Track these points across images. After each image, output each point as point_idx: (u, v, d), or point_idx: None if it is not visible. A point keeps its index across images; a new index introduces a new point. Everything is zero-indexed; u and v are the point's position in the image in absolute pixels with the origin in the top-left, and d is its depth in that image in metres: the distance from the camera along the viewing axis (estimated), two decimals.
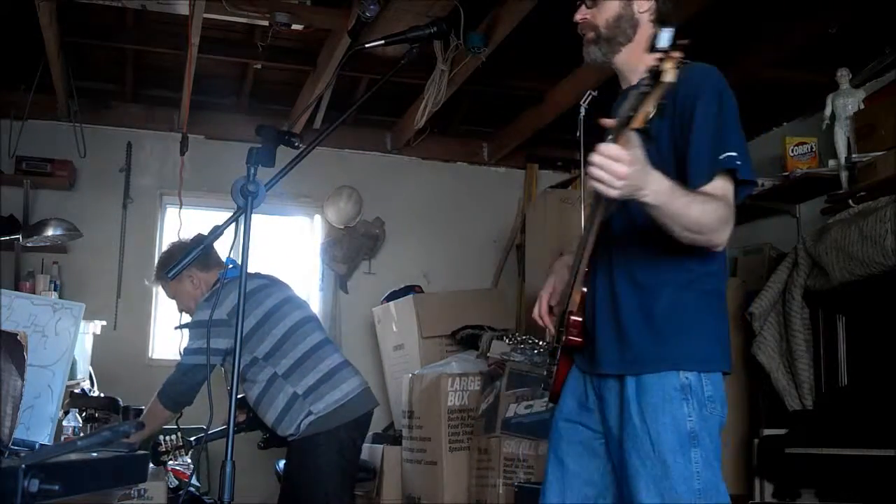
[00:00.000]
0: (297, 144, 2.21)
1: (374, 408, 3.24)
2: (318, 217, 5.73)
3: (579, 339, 1.97)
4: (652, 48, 1.61)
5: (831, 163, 4.11)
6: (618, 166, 1.58)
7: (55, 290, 4.86)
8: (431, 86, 4.51)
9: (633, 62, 2.01)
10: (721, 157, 1.79)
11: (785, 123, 4.93)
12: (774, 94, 4.65)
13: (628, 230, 1.93)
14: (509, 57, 4.44)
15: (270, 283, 3.27)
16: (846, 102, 4.01)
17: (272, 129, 2.09)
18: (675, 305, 1.87)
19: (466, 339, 4.74)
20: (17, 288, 4.57)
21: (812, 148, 4.32)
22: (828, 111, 4.07)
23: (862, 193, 3.69)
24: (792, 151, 4.35)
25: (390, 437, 4.77)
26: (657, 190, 1.66)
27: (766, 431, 3.80)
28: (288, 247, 5.78)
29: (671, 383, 1.83)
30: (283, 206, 5.53)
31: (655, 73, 1.57)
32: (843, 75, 4.03)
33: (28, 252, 4.90)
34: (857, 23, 3.84)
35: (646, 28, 1.99)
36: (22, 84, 4.86)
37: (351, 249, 5.51)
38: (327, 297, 5.60)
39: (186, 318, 3.30)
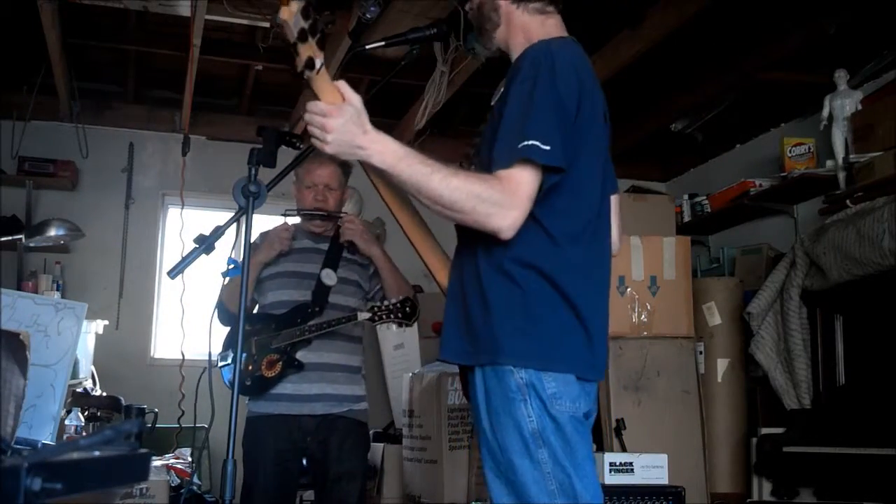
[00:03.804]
0: (298, 145, 2.24)
1: None
2: None
3: None
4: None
5: (829, 163, 4.13)
6: (324, 120, 1.63)
7: (58, 289, 4.88)
8: (431, 87, 4.51)
9: (512, 45, 1.95)
10: (520, 145, 1.62)
11: (783, 124, 4.94)
12: (773, 95, 4.66)
13: None
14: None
15: None
16: (844, 103, 4.03)
17: (273, 129, 2.11)
18: (511, 299, 1.71)
19: None
20: (19, 288, 4.58)
21: (810, 148, 4.34)
22: (825, 112, 4.08)
23: (859, 194, 3.70)
24: (790, 152, 4.37)
25: (390, 435, 4.78)
26: (381, 151, 1.64)
27: (764, 430, 3.82)
28: None
29: (508, 384, 1.69)
30: (285, 207, 5.53)
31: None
32: (841, 76, 4.05)
33: (31, 252, 4.92)
34: (855, 24, 3.85)
35: (507, 7, 1.91)
36: (24, 85, 4.88)
37: None
38: None
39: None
